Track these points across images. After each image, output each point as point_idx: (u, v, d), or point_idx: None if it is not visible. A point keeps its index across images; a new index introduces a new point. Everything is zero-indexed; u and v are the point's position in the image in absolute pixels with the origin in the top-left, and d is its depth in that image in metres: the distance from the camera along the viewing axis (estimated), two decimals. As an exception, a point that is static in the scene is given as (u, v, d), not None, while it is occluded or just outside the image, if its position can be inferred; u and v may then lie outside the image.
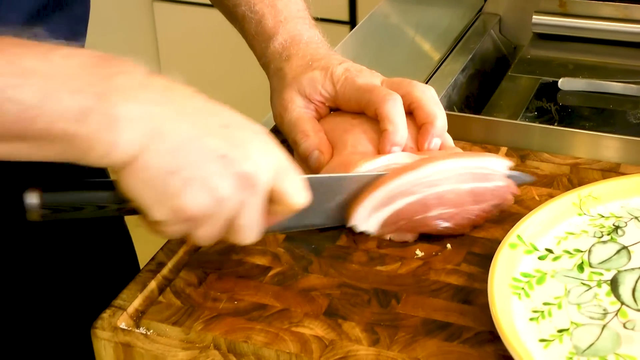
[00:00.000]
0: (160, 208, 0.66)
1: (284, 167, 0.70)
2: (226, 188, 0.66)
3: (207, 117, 0.67)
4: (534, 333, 0.70)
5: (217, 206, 0.67)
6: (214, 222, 0.68)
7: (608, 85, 1.07)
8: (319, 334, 0.72)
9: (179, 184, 0.65)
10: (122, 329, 0.73)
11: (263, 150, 0.68)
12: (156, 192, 0.65)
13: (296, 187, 0.71)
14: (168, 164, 0.64)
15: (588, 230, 0.80)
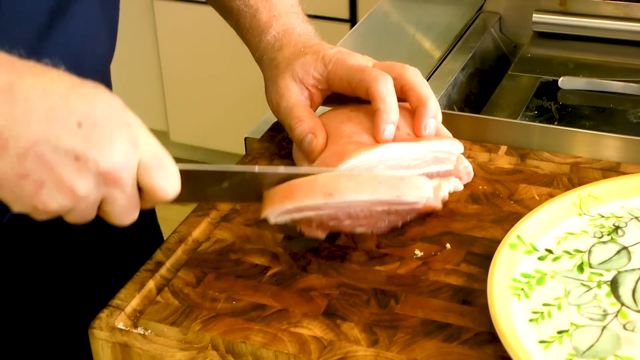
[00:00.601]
0: (19, 206, 0.64)
1: (152, 159, 0.67)
2: (83, 188, 0.64)
3: (62, 116, 0.63)
4: (533, 334, 0.69)
5: (77, 202, 0.65)
6: (78, 212, 0.66)
7: (608, 84, 1.07)
8: (318, 335, 0.72)
9: (32, 187, 0.63)
10: (119, 329, 0.73)
11: (127, 144, 0.65)
12: (10, 193, 0.63)
13: (165, 180, 0.68)
14: (16, 169, 0.62)
15: (588, 231, 0.79)
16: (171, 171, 0.68)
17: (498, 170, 0.89)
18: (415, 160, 0.82)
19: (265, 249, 0.81)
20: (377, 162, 0.81)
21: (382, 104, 0.81)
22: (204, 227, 0.83)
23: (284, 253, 0.80)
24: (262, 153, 0.93)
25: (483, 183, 0.88)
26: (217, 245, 0.81)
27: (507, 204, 0.85)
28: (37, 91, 0.63)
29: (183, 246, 0.81)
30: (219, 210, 0.86)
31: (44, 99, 0.63)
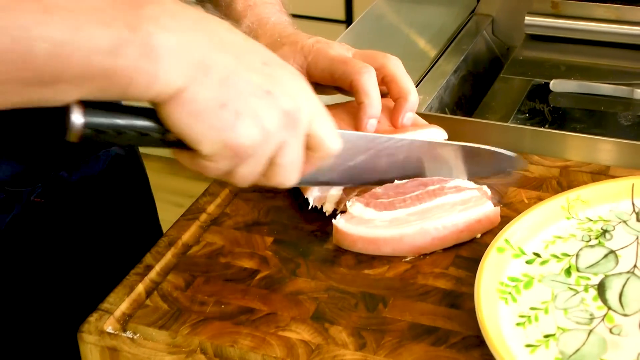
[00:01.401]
0: (211, 141, 0.64)
1: (320, 111, 0.70)
2: (273, 123, 0.66)
3: (248, 52, 0.66)
4: (520, 338, 0.70)
5: (264, 141, 0.66)
6: (258, 158, 0.67)
7: (599, 87, 1.07)
8: (306, 339, 0.72)
9: (231, 117, 0.64)
10: (108, 332, 0.73)
11: (303, 91, 0.68)
12: (206, 125, 0.63)
13: (331, 133, 0.71)
14: (218, 96, 0.63)
15: (576, 234, 0.80)
16: (334, 126, 0.72)
17: (488, 174, 0.90)
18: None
19: (255, 252, 0.81)
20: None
21: (366, 98, 0.82)
22: (193, 230, 0.84)
23: (273, 256, 0.80)
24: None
25: (473, 186, 0.88)
26: (207, 248, 0.82)
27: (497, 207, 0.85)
28: (224, 28, 0.65)
29: (173, 250, 0.81)
30: (209, 213, 0.86)
31: (232, 35, 0.66)
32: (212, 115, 0.63)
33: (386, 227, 0.77)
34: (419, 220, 0.78)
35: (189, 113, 0.63)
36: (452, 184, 0.81)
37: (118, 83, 0.60)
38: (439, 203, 0.79)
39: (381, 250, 0.78)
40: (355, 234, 0.78)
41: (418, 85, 1.09)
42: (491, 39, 1.24)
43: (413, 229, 0.78)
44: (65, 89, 0.60)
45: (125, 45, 0.59)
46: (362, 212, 0.78)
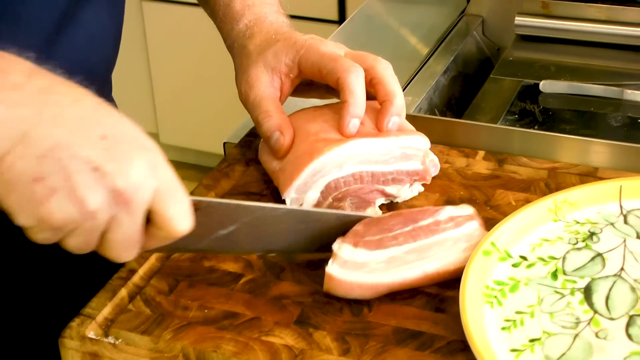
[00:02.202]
0: (25, 214, 0.62)
1: (168, 188, 0.64)
2: (96, 201, 0.62)
3: (88, 126, 0.63)
4: (505, 343, 0.69)
5: (85, 218, 0.63)
6: (82, 233, 0.64)
7: (589, 88, 1.07)
8: (289, 343, 0.71)
9: (44, 192, 0.61)
10: (90, 338, 0.73)
11: (145, 167, 0.63)
12: (20, 197, 0.62)
13: (179, 212, 0.65)
14: (33, 170, 0.61)
15: (563, 237, 0.79)
16: (185, 205, 0.66)
17: (475, 176, 0.89)
18: (384, 155, 0.82)
19: (239, 256, 0.80)
20: (346, 157, 0.82)
21: (350, 97, 0.81)
22: (178, 234, 0.83)
23: (257, 260, 0.80)
24: (239, 159, 0.93)
25: (460, 189, 0.87)
26: (191, 252, 0.81)
27: (484, 209, 0.84)
28: (69, 99, 0.63)
29: (157, 254, 0.81)
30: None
31: (74, 107, 0.63)
32: (25, 189, 0.61)
33: (384, 269, 0.73)
34: (418, 260, 0.74)
35: (3, 183, 0.61)
36: (445, 214, 0.77)
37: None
38: (439, 240, 0.75)
39: (379, 293, 0.74)
40: (354, 281, 0.73)
41: (407, 86, 1.09)
42: (481, 40, 1.24)
43: (414, 273, 0.74)
44: None
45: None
46: (353, 254, 0.74)
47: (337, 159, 0.81)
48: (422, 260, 0.74)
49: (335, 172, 0.81)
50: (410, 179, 0.85)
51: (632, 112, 1.04)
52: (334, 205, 0.83)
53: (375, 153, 0.82)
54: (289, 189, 0.81)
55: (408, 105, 1.05)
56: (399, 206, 0.85)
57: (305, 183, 0.81)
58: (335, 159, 0.81)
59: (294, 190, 0.82)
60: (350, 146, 0.81)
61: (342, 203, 0.83)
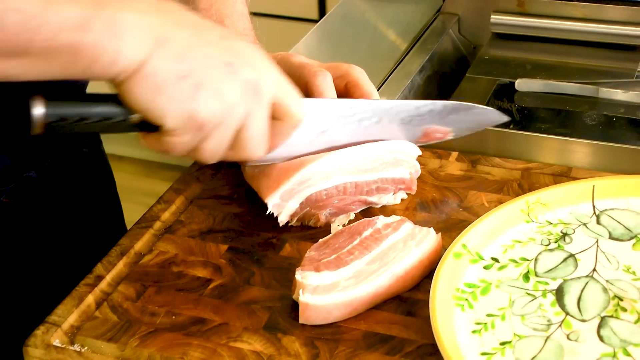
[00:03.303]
0: (173, 114, 0.67)
1: (283, 81, 0.72)
2: (234, 93, 0.68)
3: (205, 29, 0.69)
4: (475, 346, 0.68)
5: (227, 112, 0.68)
6: (223, 131, 0.69)
7: (564, 86, 1.06)
8: (258, 349, 0.70)
9: (191, 88, 0.66)
10: (55, 346, 0.71)
11: (263, 62, 0.71)
12: (167, 97, 0.66)
13: (296, 101, 0.73)
14: (177, 68, 0.66)
15: (535, 238, 0.78)
16: (297, 95, 0.74)
17: (448, 177, 0.88)
18: (374, 162, 0.81)
19: (208, 261, 0.79)
20: (335, 168, 0.81)
21: (319, 97, 0.82)
22: (147, 239, 0.82)
23: (227, 265, 0.79)
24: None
25: (433, 190, 0.86)
26: (160, 257, 0.80)
27: (456, 211, 0.84)
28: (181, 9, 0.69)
29: (125, 259, 0.80)
30: (163, 221, 0.84)
31: (189, 15, 0.69)
32: (173, 87, 0.66)
33: (355, 284, 0.73)
34: (383, 266, 0.74)
35: (150, 87, 0.66)
36: (380, 223, 0.78)
37: (83, 59, 0.63)
38: (388, 244, 0.76)
39: (358, 310, 0.73)
40: (330, 303, 0.72)
41: (382, 86, 1.08)
42: (457, 38, 1.23)
43: (385, 278, 0.73)
44: (33, 63, 0.63)
45: (92, 22, 0.62)
46: (320, 279, 0.73)
47: (325, 169, 0.80)
48: (386, 266, 0.74)
49: (322, 184, 0.80)
50: (395, 187, 0.84)
51: (607, 111, 1.03)
52: (311, 213, 0.82)
53: (365, 160, 0.81)
54: (274, 193, 0.80)
55: (383, 105, 1.04)
56: (373, 211, 0.84)
57: (291, 190, 0.80)
58: (324, 169, 0.80)
59: (279, 196, 0.80)
60: (339, 155, 0.80)
61: (319, 212, 0.82)
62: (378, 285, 0.73)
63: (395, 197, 0.85)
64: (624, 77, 1.08)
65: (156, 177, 2.55)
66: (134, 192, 2.45)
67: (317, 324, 0.72)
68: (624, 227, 0.79)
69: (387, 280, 0.74)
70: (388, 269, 0.74)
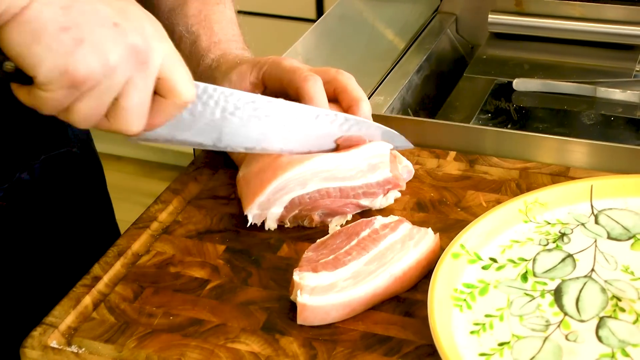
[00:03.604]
0: (48, 65, 0.62)
1: (174, 57, 0.68)
2: (117, 56, 0.64)
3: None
4: (474, 347, 0.68)
5: (106, 75, 0.64)
6: (98, 94, 0.65)
7: (562, 86, 1.06)
8: (255, 350, 0.70)
9: (71, 42, 0.62)
10: (52, 347, 0.71)
11: (157, 32, 0.67)
12: (45, 47, 0.62)
13: (185, 79, 0.68)
14: (61, 19, 0.62)
15: (534, 238, 0.78)
16: (189, 74, 0.69)
17: (446, 177, 0.88)
18: (351, 170, 0.81)
19: (206, 261, 0.79)
20: (310, 174, 0.80)
21: (311, 102, 0.81)
22: (144, 239, 0.82)
23: (224, 265, 0.79)
24: (207, 162, 0.92)
25: (430, 190, 0.86)
26: (157, 258, 0.80)
27: (454, 211, 0.83)
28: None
29: (122, 260, 0.79)
30: (161, 222, 0.84)
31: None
32: (53, 38, 0.62)
33: (353, 284, 0.72)
34: (381, 266, 0.74)
35: (28, 33, 0.62)
36: (378, 223, 0.77)
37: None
38: (386, 245, 0.75)
39: (356, 310, 0.73)
40: (328, 304, 0.71)
41: (379, 86, 1.08)
42: (455, 38, 1.23)
43: (383, 279, 0.73)
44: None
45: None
46: (318, 279, 0.72)
47: (300, 176, 0.79)
48: (384, 266, 0.73)
49: (299, 189, 0.80)
50: (383, 189, 0.84)
51: (605, 110, 1.03)
52: (302, 215, 0.82)
53: (340, 169, 0.81)
54: (251, 205, 0.80)
55: (380, 105, 1.04)
56: (371, 212, 0.84)
57: (267, 200, 0.80)
58: (299, 177, 0.79)
59: (256, 207, 0.80)
60: (313, 163, 0.80)
61: (311, 212, 0.81)
62: (376, 285, 0.73)
63: (387, 198, 0.84)
64: (621, 77, 1.08)
65: (153, 177, 2.55)
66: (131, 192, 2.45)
67: (315, 325, 0.72)
68: (622, 227, 0.79)
69: (385, 280, 0.74)
70: (386, 269, 0.73)
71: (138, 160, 2.62)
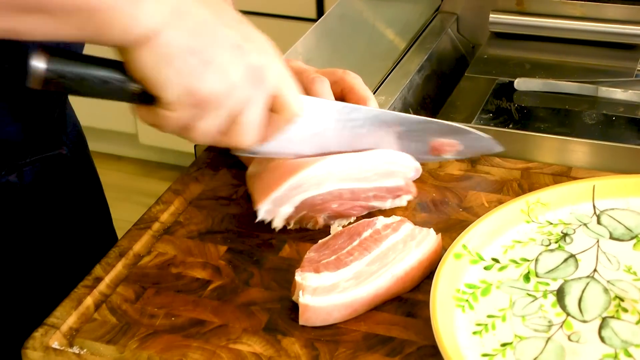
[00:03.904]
0: (175, 87, 0.67)
1: (287, 75, 0.73)
2: (238, 76, 0.68)
3: (224, 10, 0.70)
4: (476, 348, 0.68)
5: (228, 93, 0.68)
6: (219, 112, 0.69)
7: (564, 85, 1.06)
8: (257, 351, 0.70)
9: (198, 65, 0.67)
10: (54, 348, 0.71)
11: (272, 53, 0.72)
12: (174, 69, 0.66)
13: (296, 96, 0.73)
14: (189, 43, 0.66)
15: (536, 238, 0.78)
16: (298, 92, 0.75)
17: (448, 177, 0.88)
18: (367, 172, 0.80)
19: (208, 262, 0.79)
20: (326, 174, 0.80)
21: None
22: (145, 240, 0.81)
23: (226, 266, 0.78)
24: (209, 162, 0.91)
25: (432, 190, 0.86)
26: (158, 259, 0.80)
27: (456, 211, 0.83)
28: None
29: (124, 260, 0.79)
30: (162, 222, 0.84)
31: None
32: (181, 61, 0.66)
33: (355, 285, 0.72)
34: (383, 267, 0.74)
35: (159, 57, 0.66)
36: (380, 223, 0.77)
37: (97, 21, 0.63)
38: (388, 245, 0.75)
39: (358, 311, 0.73)
40: (330, 304, 0.71)
41: (381, 85, 1.07)
42: (456, 37, 1.23)
43: (385, 279, 0.73)
44: (46, 21, 0.63)
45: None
46: (319, 280, 0.72)
47: (317, 175, 0.79)
48: (386, 267, 0.73)
49: (314, 190, 0.79)
50: (393, 195, 0.83)
51: (607, 110, 1.03)
52: (309, 216, 0.81)
53: (358, 168, 0.81)
54: (265, 200, 0.79)
55: (382, 104, 1.04)
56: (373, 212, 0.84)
57: (282, 197, 0.79)
58: (315, 176, 0.79)
59: (271, 201, 0.79)
60: (331, 162, 0.80)
61: (317, 215, 0.81)
62: (378, 286, 0.73)
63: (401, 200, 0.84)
64: (623, 76, 1.08)
65: (155, 178, 2.55)
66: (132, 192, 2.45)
67: (317, 326, 0.72)
68: (624, 227, 0.79)
69: (387, 281, 0.73)
70: (388, 269, 0.73)
71: (138, 160, 2.62)
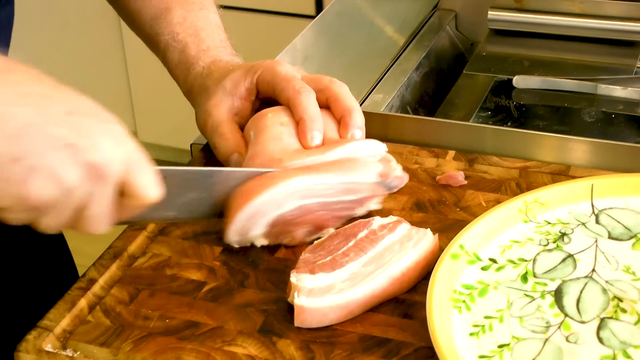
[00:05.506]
0: (3, 195, 0.62)
1: (136, 159, 0.66)
2: (73, 178, 0.63)
3: (52, 104, 0.63)
4: (473, 349, 0.67)
5: (64, 196, 0.63)
6: (60, 211, 0.64)
7: (563, 83, 1.05)
8: (252, 353, 0.69)
9: (23, 172, 0.61)
10: (47, 351, 0.70)
11: (113, 140, 0.65)
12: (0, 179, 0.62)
13: (148, 181, 0.67)
14: (11, 150, 0.61)
15: (534, 238, 0.77)
16: (152, 173, 0.68)
17: (445, 176, 0.87)
18: (327, 190, 0.78)
19: (202, 263, 0.78)
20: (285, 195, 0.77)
21: (304, 114, 0.81)
22: (140, 241, 0.81)
23: (221, 267, 0.78)
24: (205, 164, 0.91)
25: (429, 190, 0.85)
26: (153, 260, 0.79)
27: (453, 211, 0.83)
28: (29, 78, 0.64)
29: (118, 262, 0.78)
30: (157, 223, 0.83)
31: (37, 85, 0.63)
32: (4, 170, 0.61)
33: (351, 286, 0.71)
34: (379, 268, 0.73)
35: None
36: (376, 224, 0.76)
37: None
38: (385, 246, 0.74)
39: (354, 312, 0.72)
40: (326, 306, 0.70)
41: (378, 83, 1.07)
42: (454, 34, 1.22)
43: (381, 280, 0.72)
44: None
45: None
46: (315, 281, 0.71)
47: (274, 198, 0.76)
48: (382, 267, 0.73)
49: (277, 210, 0.77)
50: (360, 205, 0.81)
51: (606, 107, 1.02)
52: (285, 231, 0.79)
53: (317, 187, 0.78)
54: (227, 233, 0.77)
55: (379, 102, 1.03)
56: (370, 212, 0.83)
57: (242, 227, 0.77)
58: (273, 199, 0.76)
59: (235, 234, 0.77)
60: (288, 184, 0.76)
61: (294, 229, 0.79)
62: (374, 287, 0.72)
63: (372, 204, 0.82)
64: (622, 74, 1.07)
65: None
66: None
67: (313, 327, 0.71)
68: (623, 227, 0.78)
69: (384, 282, 0.73)
70: (384, 270, 0.73)
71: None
